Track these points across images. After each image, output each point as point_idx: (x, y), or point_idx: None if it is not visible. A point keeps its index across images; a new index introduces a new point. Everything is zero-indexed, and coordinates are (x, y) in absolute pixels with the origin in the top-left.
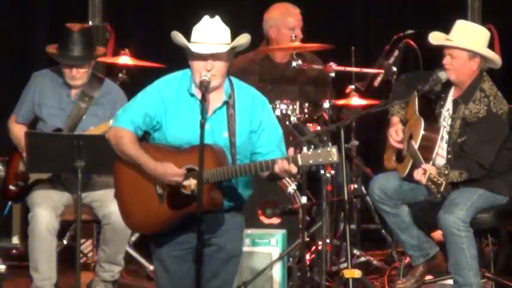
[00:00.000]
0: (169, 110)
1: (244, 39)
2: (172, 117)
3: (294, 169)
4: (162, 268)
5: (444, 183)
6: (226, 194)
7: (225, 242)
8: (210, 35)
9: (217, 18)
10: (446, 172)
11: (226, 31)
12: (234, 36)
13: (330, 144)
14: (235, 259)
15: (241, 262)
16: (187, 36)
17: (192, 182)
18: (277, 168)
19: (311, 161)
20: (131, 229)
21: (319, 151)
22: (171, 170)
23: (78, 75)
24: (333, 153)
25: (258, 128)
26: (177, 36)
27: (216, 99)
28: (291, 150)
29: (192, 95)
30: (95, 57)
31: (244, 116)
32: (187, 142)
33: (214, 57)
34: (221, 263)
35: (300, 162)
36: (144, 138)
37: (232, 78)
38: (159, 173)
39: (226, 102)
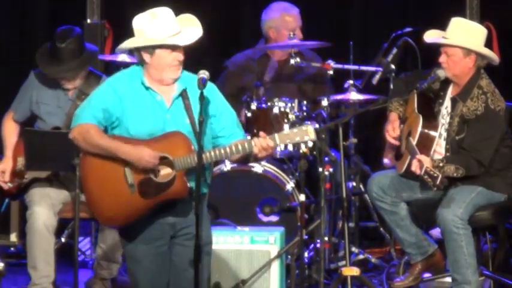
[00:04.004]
0: (126, 104)
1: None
2: (131, 111)
3: (272, 144)
4: (139, 267)
5: (440, 176)
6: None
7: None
8: (175, 24)
9: (165, 8)
10: (441, 165)
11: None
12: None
13: (308, 122)
14: (209, 246)
15: (239, 260)
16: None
17: (167, 171)
18: (256, 150)
19: (288, 140)
20: (102, 222)
21: (295, 130)
22: (147, 152)
23: (68, 82)
24: (309, 131)
25: (216, 112)
26: (135, 42)
27: (171, 90)
28: (262, 133)
29: (148, 88)
30: (84, 66)
31: (198, 103)
32: (149, 134)
33: (181, 46)
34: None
35: (277, 141)
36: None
37: None
38: (134, 157)
39: (181, 92)
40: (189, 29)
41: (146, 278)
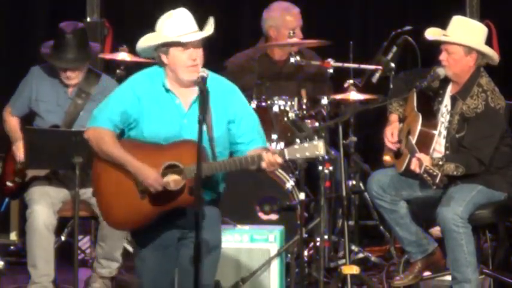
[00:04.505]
0: (145, 106)
1: (210, 24)
2: (149, 114)
3: (280, 160)
4: (144, 267)
5: (439, 174)
6: (206, 188)
7: (204, 234)
8: (189, 24)
9: (182, 9)
10: (440, 163)
11: (193, 18)
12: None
13: (316, 137)
14: (216, 250)
15: (239, 258)
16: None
17: (176, 178)
18: (264, 165)
19: (298, 155)
20: (112, 226)
21: (306, 145)
22: (153, 177)
23: (73, 76)
24: (319, 147)
25: (235, 117)
26: (149, 40)
27: (191, 93)
28: (272, 148)
29: (168, 91)
30: (90, 57)
31: (218, 107)
32: (164, 138)
33: (196, 46)
34: (202, 255)
35: (286, 156)
36: (121, 136)
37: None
38: (141, 176)
39: (198, 96)
40: (205, 29)
41: (149, 278)
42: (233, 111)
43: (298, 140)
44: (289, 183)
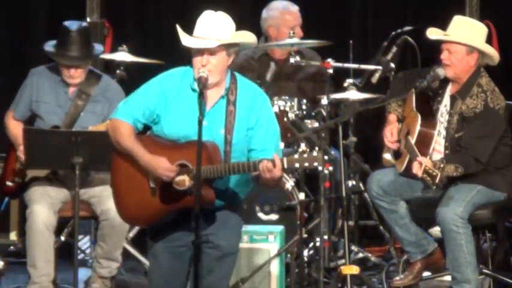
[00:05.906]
0: (169, 103)
1: (244, 38)
2: (171, 111)
3: (277, 172)
4: (155, 263)
5: (439, 174)
6: (220, 192)
7: (219, 240)
8: (205, 29)
9: (219, 13)
10: (441, 166)
11: (225, 26)
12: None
13: (316, 148)
14: (231, 256)
15: (239, 258)
16: (191, 32)
17: (184, 178)
18: (260, 167)
19: (297, 165)
20: (123, 219)
21: (305, 155)
22: (163, 164)
23: (76, 75)
24: (318, 158)
25: (255, 124)
26: (178, 30)
27: (215, 95)
28: (276, 156)
29: (194, 90)
30: (93, 56)
31: (242, 112)
32: (184, 136)
33: (211, 52)
34: (216, 260)
35: (285, 165)
36: (144, 132)
37: (236, 74)
38: (152, 166)
39: (223, 97)
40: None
41: (159, 275)
42: (255, 119)
43: (300, 149)
44: (289, 184)
